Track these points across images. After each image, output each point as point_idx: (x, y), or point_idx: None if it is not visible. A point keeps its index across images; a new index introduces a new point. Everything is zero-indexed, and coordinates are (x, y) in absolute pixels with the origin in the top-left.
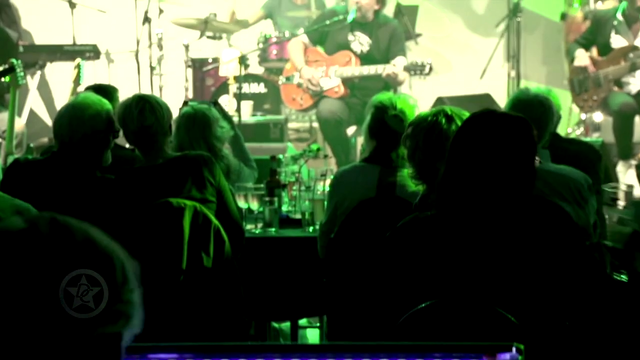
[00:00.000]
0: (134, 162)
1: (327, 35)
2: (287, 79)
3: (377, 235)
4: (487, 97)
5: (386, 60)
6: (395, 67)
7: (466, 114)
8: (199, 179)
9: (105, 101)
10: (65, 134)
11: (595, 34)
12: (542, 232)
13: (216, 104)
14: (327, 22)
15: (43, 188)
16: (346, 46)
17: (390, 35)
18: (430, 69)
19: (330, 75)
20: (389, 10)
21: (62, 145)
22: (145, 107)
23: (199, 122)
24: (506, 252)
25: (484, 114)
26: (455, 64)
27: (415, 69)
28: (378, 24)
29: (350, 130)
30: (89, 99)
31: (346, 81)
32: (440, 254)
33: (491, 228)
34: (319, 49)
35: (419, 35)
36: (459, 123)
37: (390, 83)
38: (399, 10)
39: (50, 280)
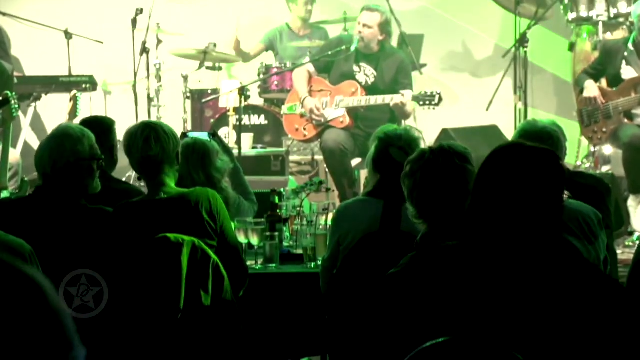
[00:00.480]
0: (130, 196)
1: (332, 65)
2: (290, 109)
3: (382, 271)
4: (494, 129)
5: (391, 92)
6: (404, 97)
7: (461, 148)
8: (199, 223)
9: (86, 130)
10: (46, 165)
11: (605, 64)
12: (572, 276)
13: (215, 135)
14: (330, 52)
15: (30, 225)
16: (352, 76)
17: (397, 68)
18: (440, 99)
19: (335, 105)
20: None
21: (45, 177)
22: (151, 135)
23: (198, 153)
24: (531, 292)
25: (511, 146)
26: (461, 95)
27: (425, 100)
28: (384, 55)
29: (354, 162)
30: (69, 128)
31: (351, 112)
32: (458, 288)
33: (518, 264)
34: (324, 78)
35: (423, 65)
36: (461, 159)
37: (398, 114)
38: (403, 40)
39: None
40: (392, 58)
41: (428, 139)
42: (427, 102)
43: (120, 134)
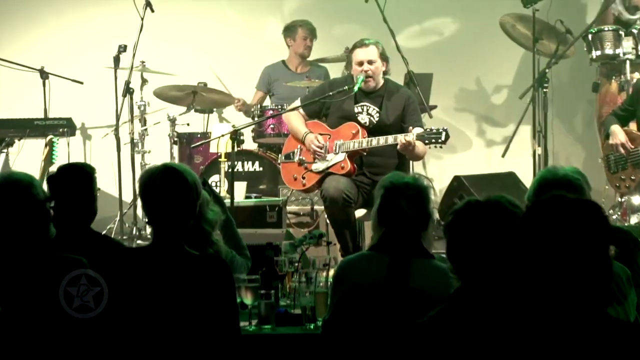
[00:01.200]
0: (111, 249)
1: (328, 108)
2: (287, 157)
3: (388, 329)
4: (510, 177)
5: (399, 132)
6: (411, 134)
7: (511, 201)
8: (199, 297)
9: (31, 175)
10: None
11: (635, 105)
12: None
13: (205, 184)
14: (331, 92)
15: None
16: (352, 118)
17: (404, 104)
18: (447, 136)
19: (335, 149)
20: (397, 78)
21: None
22: (170, 181)
23: None
24: None
25: (553, 198)
26: (474, 140)
27: (430, 138)
28: (388, 92)
29: (358, 213)
30: (13, 175)
31: (353, 157)
32: (485, 348)
33: (557, 335)
34: (321, 122)
35: (433, 107)
36: (508, 213)
37: (408, 156)
38: (411, 79)
39: None
40: (398, 94)
41: (438, 187)
42: (433, 141)
43: (101, 181)
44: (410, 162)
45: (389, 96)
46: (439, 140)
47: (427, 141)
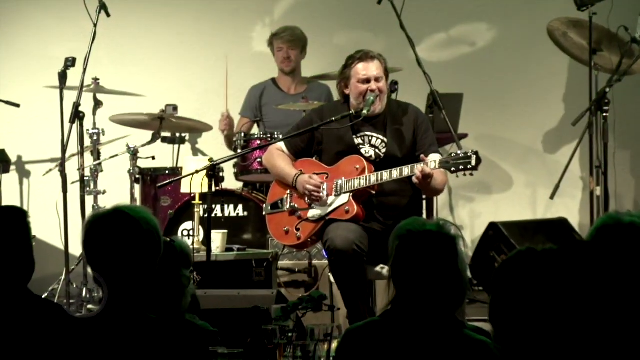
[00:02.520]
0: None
1: (320, 143)
2: (274, 206)
3: None
4: (561, 224)
5: (414, 162)
6: (434, 164)
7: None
8: None
9: None
10: None
11: None
12: None
13: (172, 242)
14: (333, 118)
15: None
16: (353, 150)
17: (414, 126)
18: (478, 160)
19: (336, 190)
20: (418, 99)
21: None
22: (120, 228)
23: None
24: None
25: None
26: (515, 177)
27: (457, 165)
28: (392, 114)
29: (371, 270)
30: None
31: (360, 197)
32: None
33: None
34: (315, 160)
35: (463, 136)
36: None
37: (425, 192)
38: (435, 101)
39: None
40: (403, 115)
41: (470, 237)
42: (462, 167)
43: (42, 230)
44: (435, 204)
45: (393, 120)
46: (469, 166)
47: (453, 168)
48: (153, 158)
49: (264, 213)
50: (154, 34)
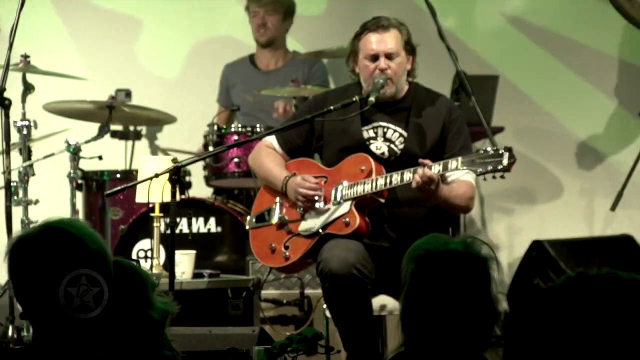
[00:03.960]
0: None
1: (321, 137)
2: (259, 218)
3: None
4: (625, 243)
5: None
6: (438, 167)
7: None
8: None
9: None
10: None
11: None
12: None
13: (127, 261)
14: (332, 107)
15: None
16: (362, 147)
17: (444, 121)
18: (512, 158)
19: (335, 198)
20: (441, 82)
21: None
22: (52, 249)
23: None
24: None
25: None
26: (564, 182)
27: (485, 164)
28: (417, 103)
29: (378, 301)
30: None
31: (365, 207)
32: None
33: None
34: (313, 160)
35: (498, 130)
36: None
37: (441, 205)
38: (462, 84)
39: None
40: (432, 106)
41: (507, 259)
42: (490, 168)
43: None
44: (462, 217)
45: (418, 110)
46: (499, 167)
47: (480, 169)
48: (100, 158)
49: (247, 227)
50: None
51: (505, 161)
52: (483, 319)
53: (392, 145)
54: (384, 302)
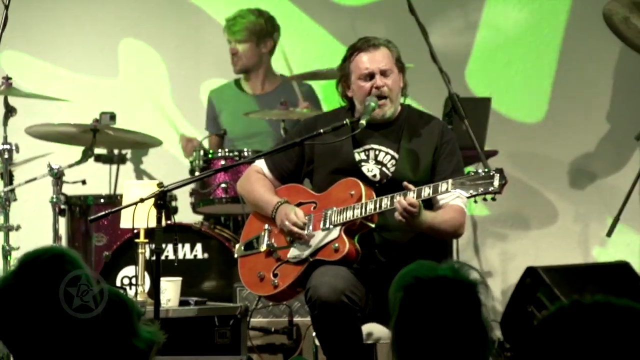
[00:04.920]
0: None
1: (312, 161)
2: (248, 246)
3: None
4: (621, 270)
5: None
6: (412, 194)
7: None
8: None
9: None
10: None
11: None
12: None
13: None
14: (322, 130)
15: None
16: (354, 171)
17: (437, 144)
18: (502, 179)
19: (324, 223)
20: (432, 104)
21: None
22: (36, 282)
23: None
24: None
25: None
26: (559, 206)
27: (476, 187)
28: (410, 124)
29: (368, 328)
30: None
31: (355, 233)
32: None
33: None
34: (303, 186)
35: (492, 153)
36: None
37: (427, 230)
38: (455, 106)
39: None
40: (425, 127)
41: (500, 286)
42: (481, 190)
43: None
44: (455, 242)
45: (410, 132)
46: (490, 188)
47: (471, 191)
48: (84, 182)
49: (235, 255)
50: (85, 20)
51: (496, 183)
52: (475, 344)
53: (383, 168)
54: (374, 330)
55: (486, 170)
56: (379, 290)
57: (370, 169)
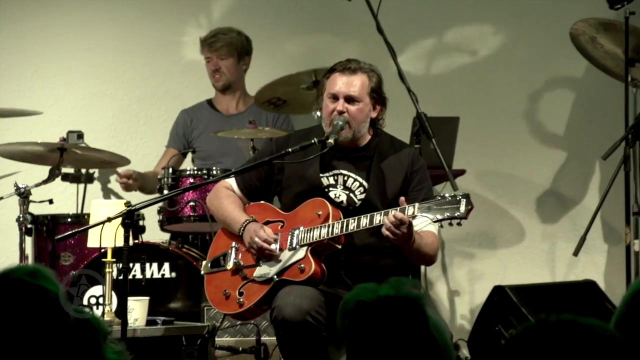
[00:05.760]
0: None
1: (280, 181)
2: (214, 263)
3: None
4: (588, 288)
5: None
6: (411, 209)
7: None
8: None
9: None
10: None
11: None
12: None
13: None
14: (290, 149)
15: None
16: (319, 192)
17: (407, 172)
18: (469, 204)
19: (291, 243)
20: (400, 126)
21: None
22: (10, 302)
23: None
24: None
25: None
26: (526, 226)
27: (442, 211)
28: (380, 152)
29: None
30: None
31: (322, 254)
32: None
33: None
34: (271, 204)
35: (459, 173)
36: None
37: (408, 255)
38: (422, 126)
39: None
40: (395, 155)
41: (468, 304)
42: (447, 215)
43: None
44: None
45: (381, 159)
46: (456, 214)
47: (438, 216)
48: (50, 202)
49: (202, 272)
50: (52, 34)
51: (462, 208)
52: (429, 356)
53: (351, 195)
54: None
55: (452, 195)
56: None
57: (338, 195)
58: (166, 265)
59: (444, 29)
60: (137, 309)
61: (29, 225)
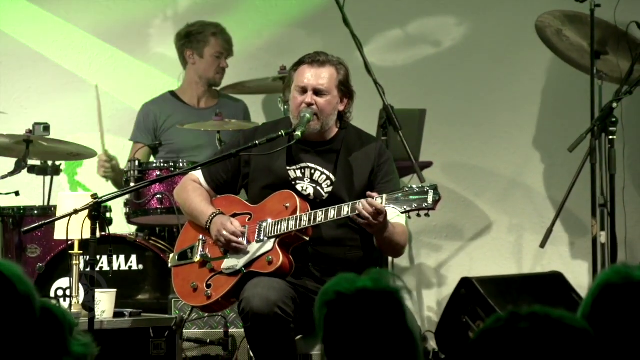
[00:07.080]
0: None
1: (247, 174)
2: (181, 256)
3: None
4: (554, 280)
5: None
6: (381, 199)
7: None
8: None
9: None
10: None
11: None
12: None
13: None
14: (257, 142)
15: None
16: (286, 185)
17: (374, 165)
18: (436, 195)
19: (258, 235)
20: (366, 119)
21: None
22: None
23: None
24: None
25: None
26: (493, 218)
27: (410, 203)
28: (347, 145)
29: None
30: None
31: (289, 245)
32: None
33: None
34: (238, 197)
35: (426, 165)
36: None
37: (380, 246)
38: (389, 119)
39: None
40: (362, 149)
41: (436, 295)
42: (415, 206)
43: None
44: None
45: (348, 153)
46: (424, 205)
47: (406, 207)
48: (17, 194)
49: (169, 265)
50: (17, 26)
51: (430, 199)
52: (404, 351)
53: (318, 188)
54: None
55: (420, 186)
56: (312, 303)
57: (305, 188)
58: (133, 257)
59: (409, 21)
60: (104, 301)
61: None
